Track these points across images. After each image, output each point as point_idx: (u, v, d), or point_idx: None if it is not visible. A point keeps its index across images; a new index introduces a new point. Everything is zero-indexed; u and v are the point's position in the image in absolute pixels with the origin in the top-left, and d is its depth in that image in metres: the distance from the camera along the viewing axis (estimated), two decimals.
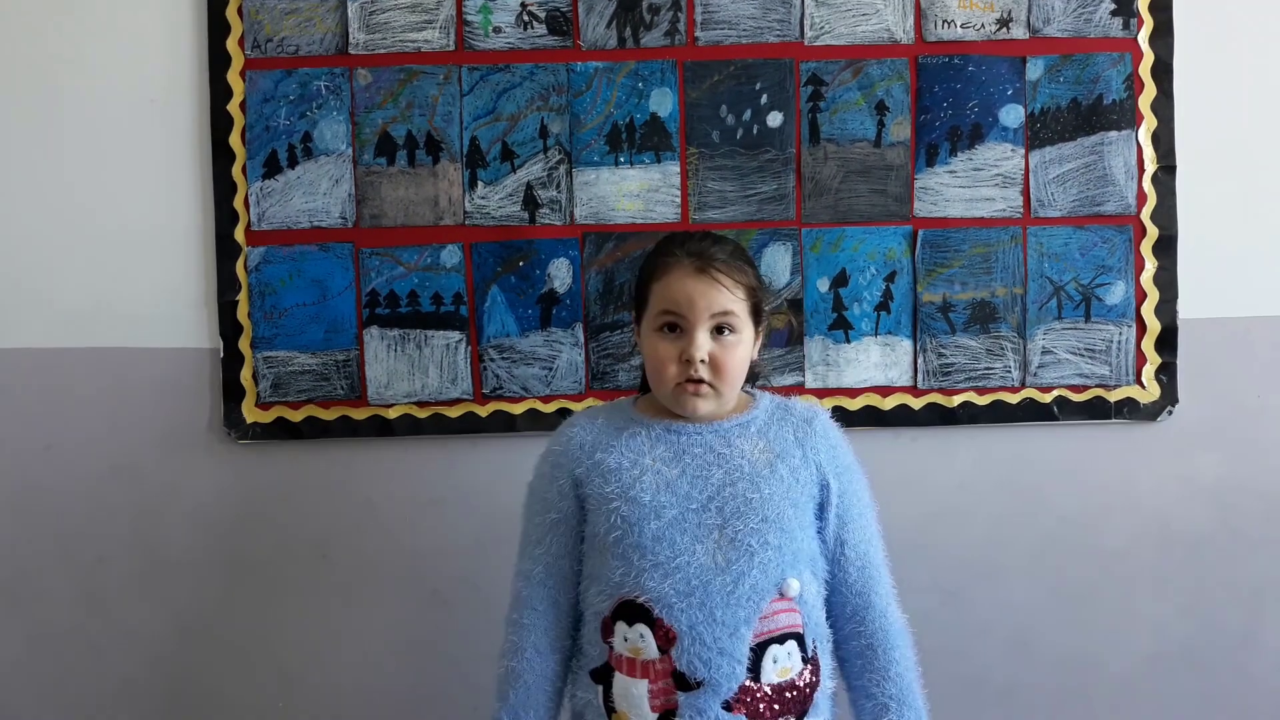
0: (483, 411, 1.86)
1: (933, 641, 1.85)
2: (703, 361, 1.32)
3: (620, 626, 1.32)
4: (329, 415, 1.87)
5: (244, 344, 1.86)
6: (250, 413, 1.86)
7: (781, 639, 1.30)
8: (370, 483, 1.89)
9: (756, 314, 1.38)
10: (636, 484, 1.33)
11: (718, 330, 1.33)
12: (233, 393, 1.86)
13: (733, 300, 1.33)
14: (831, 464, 1.38)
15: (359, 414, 1.86)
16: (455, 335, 1.86)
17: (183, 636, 1.90)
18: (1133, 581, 1.88)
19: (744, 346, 1.35)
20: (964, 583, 1.88)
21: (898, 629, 1.40)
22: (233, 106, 1.84)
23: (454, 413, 1.86)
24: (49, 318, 1.88)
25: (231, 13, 1.84)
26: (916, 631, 1.86)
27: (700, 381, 1.32)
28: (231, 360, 1.86)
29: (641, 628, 1.30)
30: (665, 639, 1.29)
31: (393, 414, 1.86)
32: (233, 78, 1.84)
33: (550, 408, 1.86)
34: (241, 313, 1.86)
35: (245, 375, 1.86)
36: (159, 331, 1.88)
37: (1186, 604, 1.88)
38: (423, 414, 1.86)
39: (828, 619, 1.38)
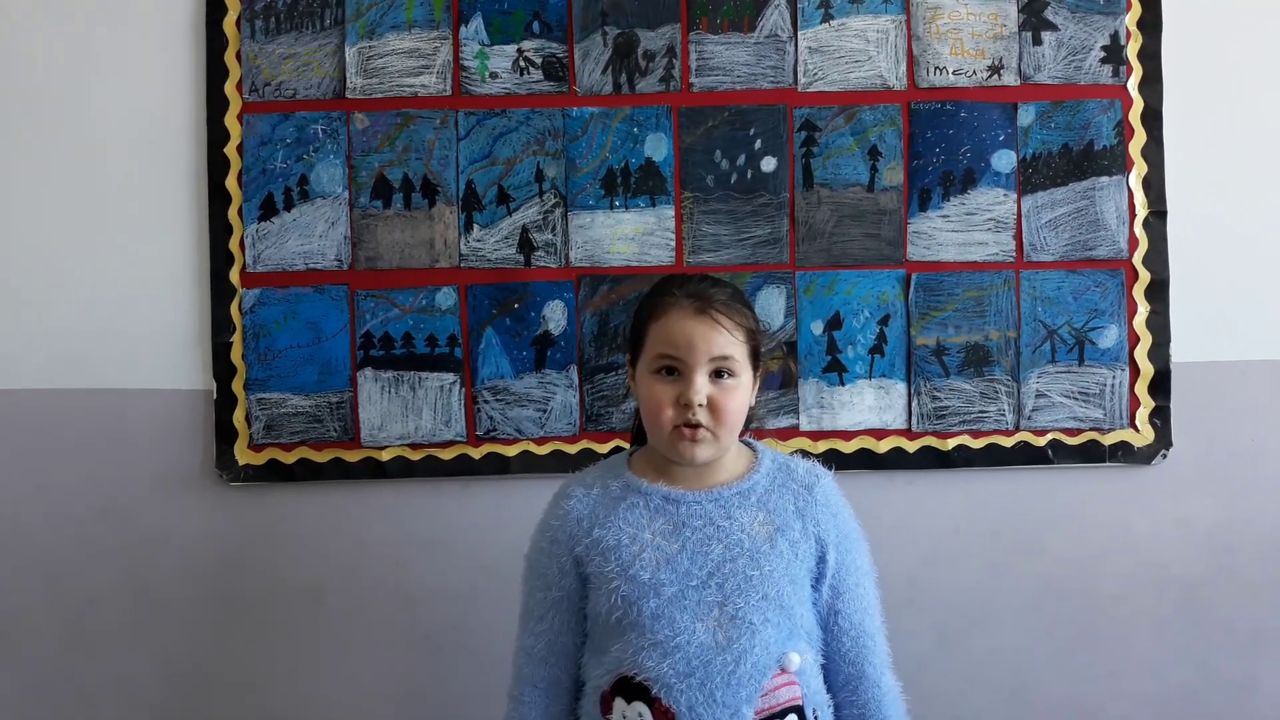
0: (476, 453, 1.85)
1: (928, 687, 1.85)
2: (701, 405, 1.29)
3: (619, 703, 1.29)
4: (322, 457, 1.86)
5: (237, 386, 1.85)
6: (243, 454, 1.86)
7: (782, 714, 1.28)
8: (363, 525, 1.87)
9: (755, 357, 1.36)
10: (636, 561, 1.31)
11: (716, 374, 1.31)
12: (225, 434, 1.85)
13: (732, 343, 1.31)
14: (832, 534, 1.35)
15: (352, 456, 1.86)
16: (449, 377, 1.85)
17: (173, 681, 1.88)
18: (1130, 626, 1.86)
19: (743, 391, 1.33)
20: (959, 627, 1.87)
21: (891, 698, 1.38)
22: (230, 149, 1.86)
23: (447, 455, 1.85)
24: (41, 359, 1.87)
25: (230, 57, 1.86)
26: (911, 677, 1.84)
27: (698, 426, 1.30)
28: (225, 402, 1.85)
29: (640, 706, 1.27)
30: (664, 718, 1.27)
31: (386, 456, 1.85)
32: (230, 121, 1.86)
33: (544, 449, 1.85)
34: (235, 354, 1.86)
35: (238, 417, 1.85)
36: (152, 373, 1.87)
37: (1185, 648, 1.86)
38: (416, 456, 1.85)
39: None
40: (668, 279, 1.39)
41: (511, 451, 1.85)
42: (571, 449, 1.85)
